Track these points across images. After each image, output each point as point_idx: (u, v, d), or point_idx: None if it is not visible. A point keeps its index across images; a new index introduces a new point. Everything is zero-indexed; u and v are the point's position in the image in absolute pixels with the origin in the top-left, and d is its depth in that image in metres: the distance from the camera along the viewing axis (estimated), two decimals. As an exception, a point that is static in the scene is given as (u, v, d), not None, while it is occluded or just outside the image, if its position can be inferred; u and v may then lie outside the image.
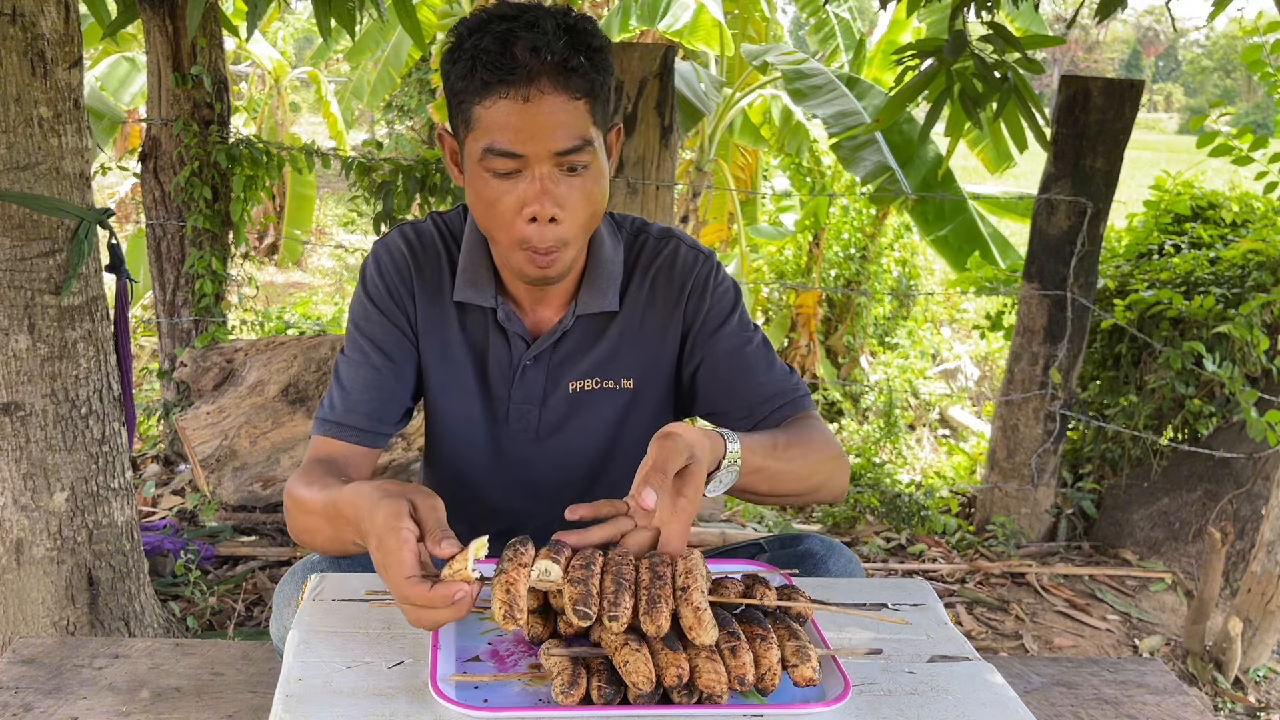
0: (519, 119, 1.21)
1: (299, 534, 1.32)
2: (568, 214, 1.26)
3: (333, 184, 10.82)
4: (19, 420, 2.08)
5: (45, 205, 2.01)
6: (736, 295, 1.50)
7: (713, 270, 1.48)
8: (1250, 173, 3.51)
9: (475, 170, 1.27)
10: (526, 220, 1.26)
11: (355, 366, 1.42)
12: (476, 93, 1.23)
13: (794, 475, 1.33)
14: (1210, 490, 3.48)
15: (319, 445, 1.41)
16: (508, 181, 1.25)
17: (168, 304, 3.69)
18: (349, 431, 1.39)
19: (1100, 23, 3.07)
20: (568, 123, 1.23)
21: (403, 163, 3.75)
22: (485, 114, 1.23)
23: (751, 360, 1.45)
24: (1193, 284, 3.45)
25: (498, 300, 1.42)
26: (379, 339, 1.42)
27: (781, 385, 1.45)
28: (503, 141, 1.22)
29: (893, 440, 5.26)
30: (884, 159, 4.59)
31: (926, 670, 1.11)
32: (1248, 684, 2.81)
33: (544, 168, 1.24)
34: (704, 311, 1.46)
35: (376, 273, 1.44)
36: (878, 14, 6.90)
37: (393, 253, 1.44)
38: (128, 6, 2.68)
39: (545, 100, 1.21)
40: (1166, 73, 57.38)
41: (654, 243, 1.49)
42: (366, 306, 1.44)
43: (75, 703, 1.38)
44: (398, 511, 1.04)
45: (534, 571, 1.02)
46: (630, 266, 1.47)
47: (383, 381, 1.41)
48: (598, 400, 1.46)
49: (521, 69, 1.19)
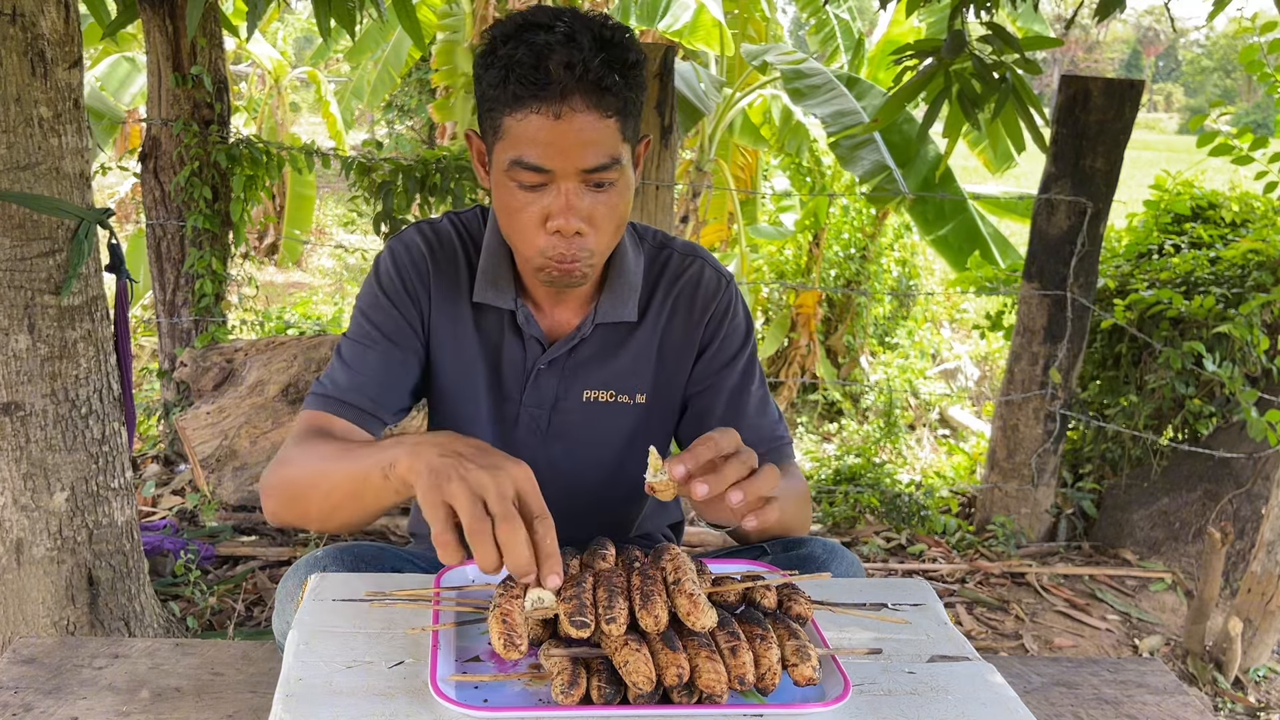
0: (549, 135, 1.20)
1: (294, 498, 1.26)
2: (592, 228, 1.27)
3: (333, 184, 10.82)
4: (19, 420, 2.08)
5: (45, 205, 2.01)
6: (749, 329, 1.52)
7: (733, 299, 1.50)
8: (1250, 172, 3.51)
9: (501, 179, 1.27)
10: (550, 232, 1.26)
11: (361, 349, 1.40)
12: (508, 104, 1.22)
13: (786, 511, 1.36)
14: (1210, 490, 3.48)
15: (312, 419, 1.35)
16: (533, 193, 1.25)
17: (168, 304, 3.69)
18: (349, 410, 1.36)
19: (1100, 23, 3.07)
20: (597, 140, 1.22)
21: (403, 163, 3.75)
22: (515, 126, 1.22)
23: (750, 402, 1.47)
24: (1193, 284, 3.45)
25: (517, 302, 1.42)
26: (387, 328, 1.41)
27: (771, 432, 1.48)
28: (531, 156, 1.22)
29: (893, 440, 5.26)
30: (882, 158, 4.59)
31: (926, 670, 1.11)
32: (1248, 684, 2.81)
33: (570, 183, 1.24)
34: (719, 340, 1.48)
35: (393, 267, 1.43)
36: (878, 14, 6.90)
37: (411, 250, 1.43)
38: (128, 6, 2.68)
39: (576, 118, 1.20)
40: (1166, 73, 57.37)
41: (678, 259, 1.49)
42: (378, 296, 1.42)
43: (75, 703, 1.38)
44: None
45: (527, 603, 1.02)
46: (653, 280, 1.47)
47: (388, 366, 1.40)
48: (611, 412, 1.47)
49: (555, 85, 1.18)
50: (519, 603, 1.03)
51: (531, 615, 1.02)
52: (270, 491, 1.30)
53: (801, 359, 6.05)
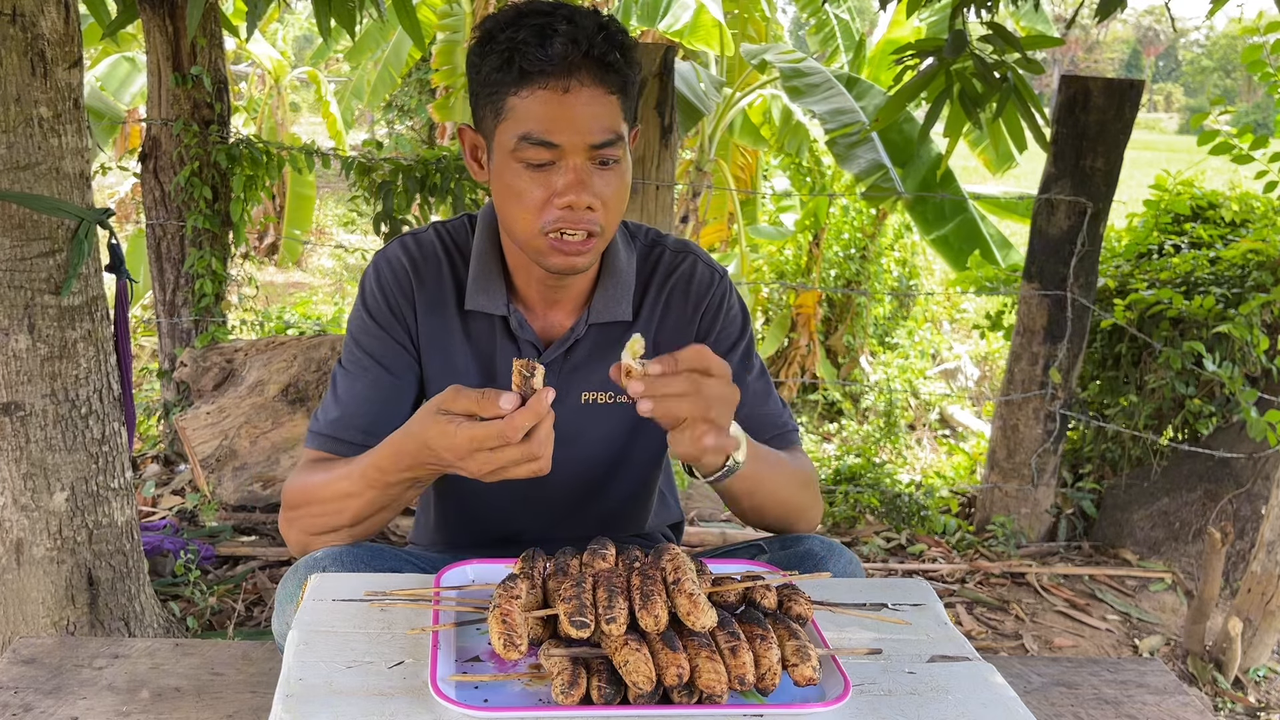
0: (557, 109, 1.22)
1: (321, 518, 1.33)
2: (602, 205, 1.27)
3: (333, 184, 10.82)
4: (19, 420, 2.08)
5: (45, 205, 2.01)
6: (745, 321, 1.51)
7: (727, 292, 1.49)
8: (1250, 172, 3.51)
9: (505, 161, 1.27)
10: (560, 208, 1.25)
11: (351, 379, 1.42)
12: (513, 83, 1.23)
13: (784, 485, 1.38)
14: (1210, 490, 3.48)
15: (310, 458, 1.41)
16: (539, 173, 1.25)
17: (168, 304, 3.69)
18: (342, 445, 1.38)
19: (1100, 23, 3.07)
20: (603, 115, 1.24)
21: (403, 163, 3.75)
22: (521, 104, 1.23)
23: (751, 391, 1.46)
24: (1193, 284, 3.45)
25: (509, 307, 1.41)
26: (377, 353, 1.42)
27: (776, 418, 1.48)
28: (539, 131, 1.23)
29: (893, 440, 5.26)
30: (878, 157, 4.59)
31: (926, 670, 1.11)
32: (1248, 684, 2.81)
33: (578, 159, 1.25)
34: (714, 333, 1.47)
35: (377, 287, 1.43)
36: (878, 14, 6.90)
37: (393, 265, 1.43)
38: (128, 6, 2.68)
39: (584, 92, 1.22)
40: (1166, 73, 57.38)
41: (671, 256, 1.49)
42: (365, 321, 1.43)
43: (75, 703, 1.38)
44: (427, 414, 1.14)
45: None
46: (645, 278, 1.47)
47: (379, 395, 1.40)
48: (609, 413, 1.46)
49: (561, 60, 1.21)
50: (519, 603, 1.03)
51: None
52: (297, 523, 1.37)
53: (801, 359, 6.06)
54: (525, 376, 1.08)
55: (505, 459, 1.09)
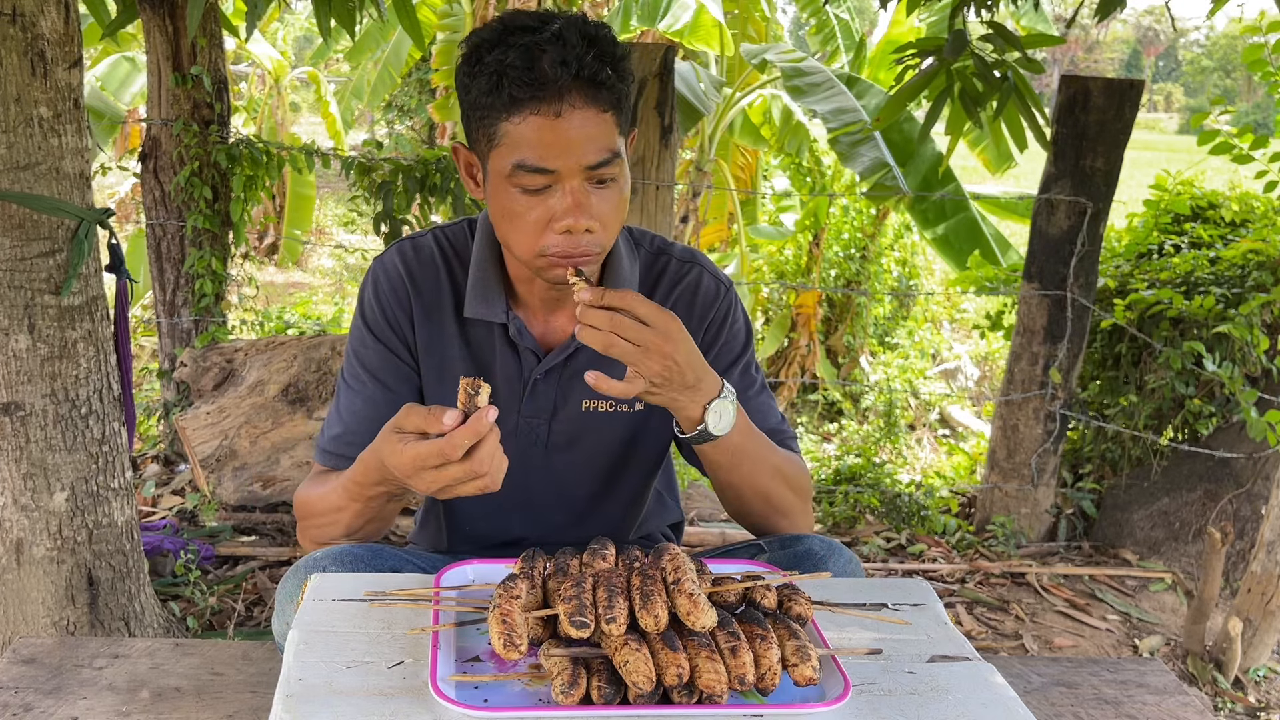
0: (550, 134, 1.20)
1: (320, 530, 1.37)
2: (601, 224, 1.26)
3: (333, 184, 10.82)
4: (19, 420, 2.08)
5: (45, 205, 2.01)
6: (748, 334, 1.51)
7: (733, 304, 1.49)
8: (1250, 172, 3.51)
9: (501, 185, 1.26)
10: (559, 232, 1.25)
11: (352, 395, 1.43)
12: (503, 109, 1.21)
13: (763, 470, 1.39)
14: (1210, 490, 3.48)
15: (316, 471, 1.45)
16: (536, 197, 1.24)
17: (168, 304, 3.69)
18: (343, 461, 1.39)
19: (1100, 22, 3.08)
20: (597, 136, 1.22)
21: (403, 163, 3.75)
22: (514, 130, 1.21)
23: (753, 406, 1.46)
24: (1193, 284, 3.45)
25: (509, 314, 1.41)
26: (374, 366, 1.42)
27: (775, 428, 1.48)
28: (533, 158, 1.21)
29: (893, 440, 5.26)
30: (881, 155, 4.59)
31: (926, 670, 1.11)
32: (1248, 684, 2.81)
33: (575, 181, 1.23)
34: (717, 346, 1.47)
35: (374, 297, 1.43)
36: (878, 14, 6.90)
37: (389, 274, 1.43)
38: (128, 6, 2.68)
39: (576, 115, 1.20)
40: (1166, 73, 57.37)
41: (677, 265, 1.48)
42: (363, 333, 1.43)
43: (75, 703, 1.38)
44: (385, 432, 1.16)
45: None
46: (650, 286, 1.47)
47: (375, 413, 1.40)
48: (609, 421, 1.46)
49: (551, 84, 1.18)
50: (519, 603, 1.03)
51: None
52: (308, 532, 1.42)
53: (801, 359, 6.06)
54: (470, 394, 1.08)
55: (449, 477, 1.10)
